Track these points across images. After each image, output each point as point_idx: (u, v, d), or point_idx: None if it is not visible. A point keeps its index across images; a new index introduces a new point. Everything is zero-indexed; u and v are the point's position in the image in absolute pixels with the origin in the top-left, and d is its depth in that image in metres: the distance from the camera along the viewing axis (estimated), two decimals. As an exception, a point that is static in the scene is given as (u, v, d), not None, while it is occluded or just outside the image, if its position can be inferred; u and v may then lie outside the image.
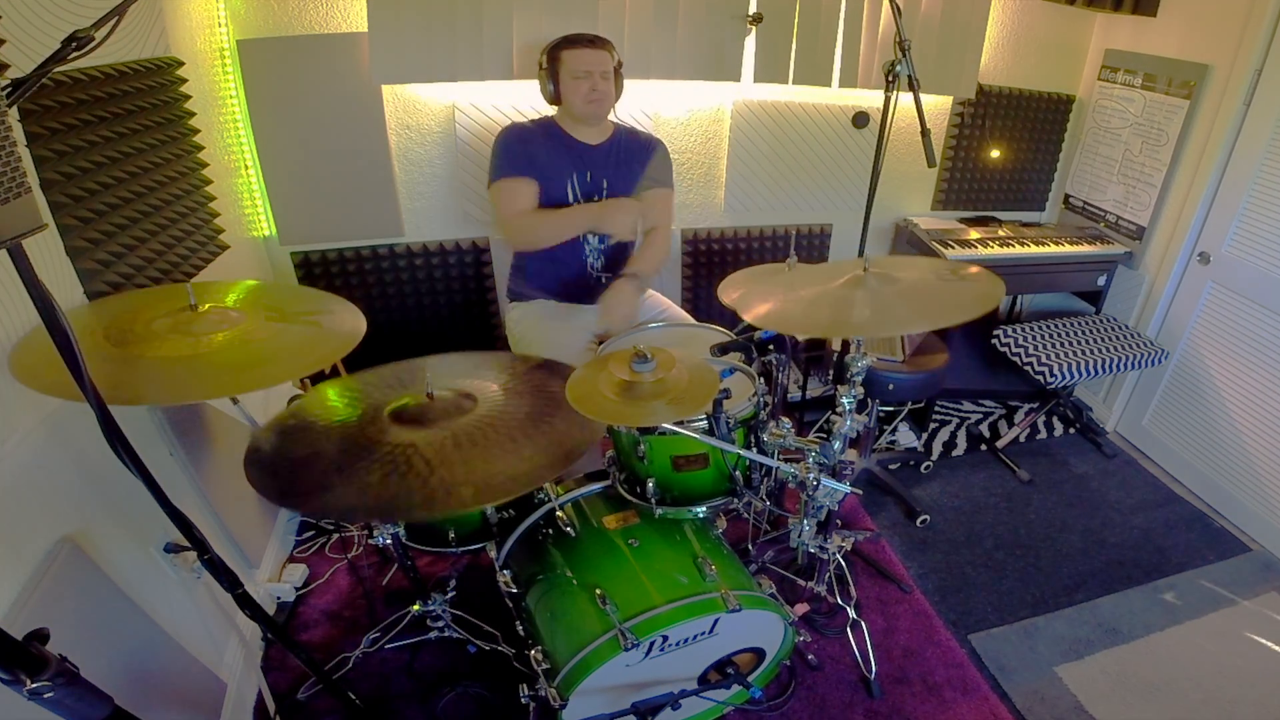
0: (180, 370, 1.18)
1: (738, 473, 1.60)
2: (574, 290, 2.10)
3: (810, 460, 1.48)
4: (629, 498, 1.63)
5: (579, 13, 2.19)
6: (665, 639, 1.40)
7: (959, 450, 2.79)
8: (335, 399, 1.45)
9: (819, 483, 1.45)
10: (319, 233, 2.41)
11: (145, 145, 1.59)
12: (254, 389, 1.19)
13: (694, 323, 2.09)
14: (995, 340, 2.69)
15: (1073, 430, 2.94)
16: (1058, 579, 2.18)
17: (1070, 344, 2.62)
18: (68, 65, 0.90)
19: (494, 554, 1.64)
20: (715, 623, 1.45)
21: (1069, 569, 2.22)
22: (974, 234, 2.85)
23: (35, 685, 0.75)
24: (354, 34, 2.15)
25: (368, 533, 1.56)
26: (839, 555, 1.70)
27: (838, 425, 1.56)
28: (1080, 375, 2.50)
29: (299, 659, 1.46)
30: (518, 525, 1.65)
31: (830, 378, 2.89)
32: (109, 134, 1.45)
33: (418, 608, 1.75)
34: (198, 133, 1.84)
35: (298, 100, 2.19)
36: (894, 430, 2.87)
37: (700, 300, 2.91)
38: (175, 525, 1.09)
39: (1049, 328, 2.73)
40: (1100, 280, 2.85)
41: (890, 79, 1.74)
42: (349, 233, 2.45)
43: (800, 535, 1.62)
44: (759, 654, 1.64)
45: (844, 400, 1.57)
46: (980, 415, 3.02)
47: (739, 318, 1.50)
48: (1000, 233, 2.88)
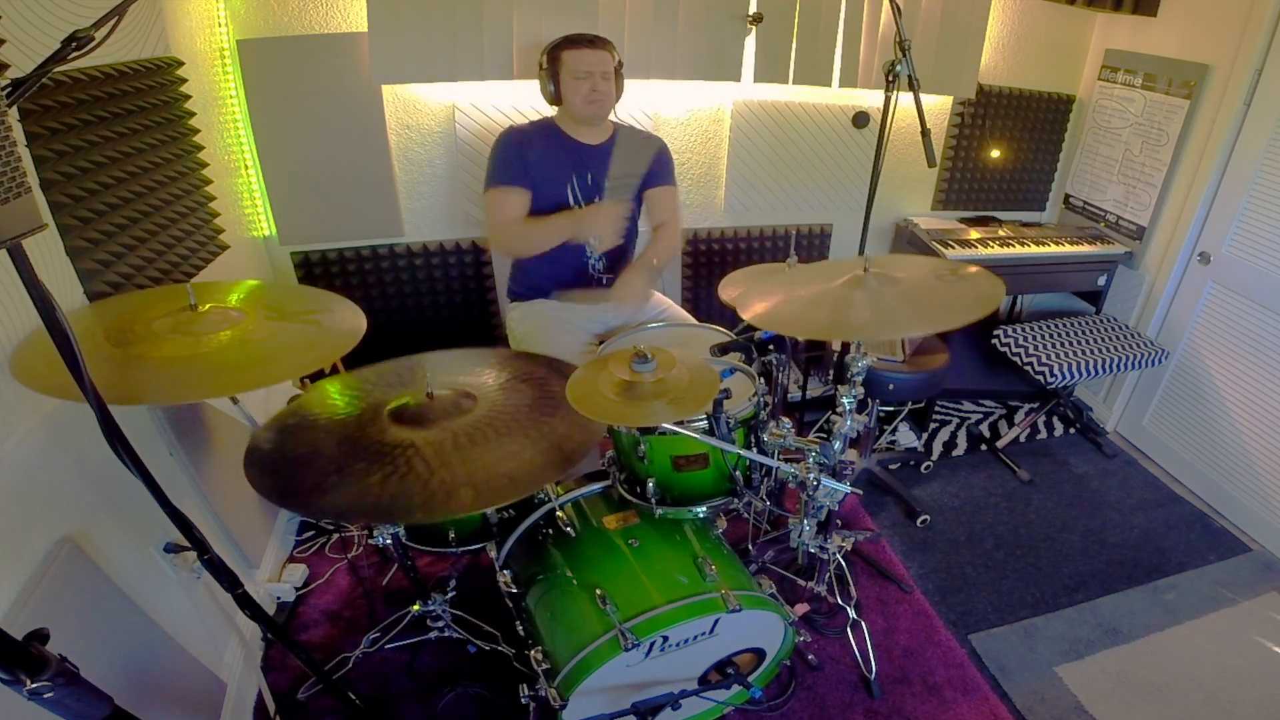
0: (180, 370, 1.18)
1: (738, 473, 1.60)
2: (574, 286, 2.10)
3: (810, 460, 1.48)
4: (629, 498, 1.63)
5: (579, 13, 2.19)
6: (665, 639, 1.40)
7: (959, 450, 2.79)
8: (335, 396, 1.45)
9: (819, 483, 1.45)
10: (319, 233, 2.42)
11: (145, 145, 1.59)
12: (254, 388, 1.19)
13: (694, 323, 2.10)
14: (995, 340, 2.69)
15: (1073, 430, 2.94)
16: (1058, 579, 2.18)
17: (1070, 344, 2.62)
18: (68, 65, 0.90)
19: (494, 554, 1.64)
20: (715, 623, 1.45)
21: (1069, 569, 2.22)
22: (974, 234, 2.85)
23: (35, 685, 0.75)
24: (354, 34, 2.16)
25: (368, 533, 1.56)
26: (839, 555, 1.70)
27: (838, 425, 1.56)
28: (1080, 375, 2.50)
29: (299, 659, 1.46)
30: (518, 525, 1.65)
31: (830, 378, 2.89)
32: (109, 134, 1.45)
33: (418, 608, 1.75)
34: (198, 132, 1.84)
35: (298, 100, 2.19)
36: (894, 430, 2.87)
37: (700, 300, 2.91)
38: (175, 525, 1.09)
39: (1049, 328, 2.73)
40: (1100, 280, 2.85)
41: (890, 79, 1.74)
42: (349, 233, 2.45)
43: (800, 535, 1.62)
44: (759, 654, 1.64)
45: (844, 400, 1.57)
46: (980, 415, 3.02)
47: (739, 318, 1.50)
48: (1000, 233, 2.88)
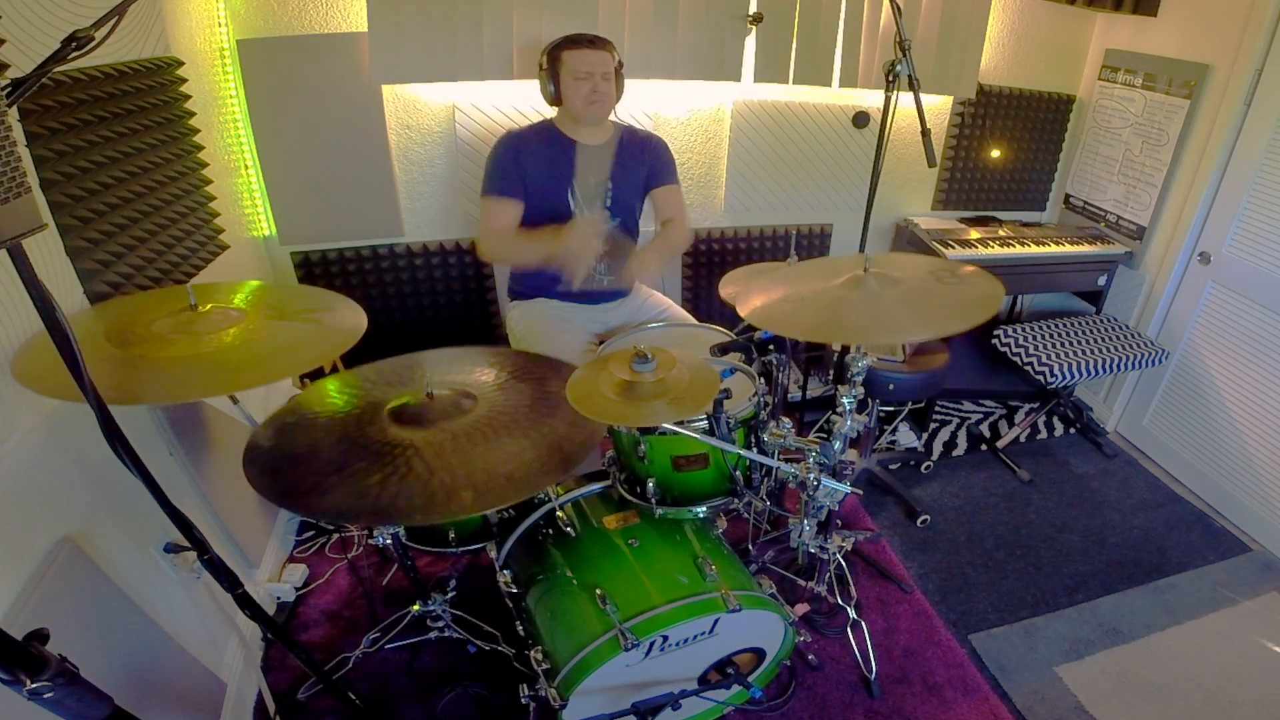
0: (181, 369, 1.18)
1: (738, 473, 1.60)
2: (575, 291, 2.09)
3: (810, 460, 1.48)
4: (629, 498, 1.63)
5: (579, 13, 2.19)
6: (665, 639, 1.40)
7: (959, 450, 2.79)
8: (334, 394, 1.45)
9: (819, 483, 1.45)
10: (319, 233, 2.42)
11: (145, 145, 1.59)
12: (254, 385, 1.19)
13: (694, 323, 2.09)
14: (995, 340, 2.69)
15: (1073, 430, 2.94)
16: (1058, 579, 2.18)
17: (1070, 344, 2.62)
18: (68, 65, 0.90)
19: (494, 554, 1.64)
20: (715, 623, 1.45)
21: (1069, 569, 2.22)
22: (974, 234, 2.85)
23: (35, 685, 0.75)
24: (354, 34, 2.16)
25: (368, 533, 1.56)
26: (839, 555, 1.70)
27: (838, 425, 1.56)
28: (1080, 375, 2.50)
29: (299, 659, 1.46)
30: (518, 525, 1.65)
31: (830, 378, 2.89)
32: (109, 134, 1.45)
33: (418, 608, 1.75)
34: (198, 132, 1.84)
35: (298, 100, 2.19)
36: (894, 430, 2.87)
37: (700, 300, 2.91)
38: (175, 525, 1.09)
39: (1049, 328, 2.73)
40: (1100, 280, 2.85)
41: (890, 79, 1.74)
42: (349, 233, 2.45)
43: (800, 535, 1.62)
44: (759, 654, 1.64)
45: (844, 400, 1.57)
46: (981, 415, 3.02)
47: (739, 317, 1.50)
48: (1000, 233, 2.88)
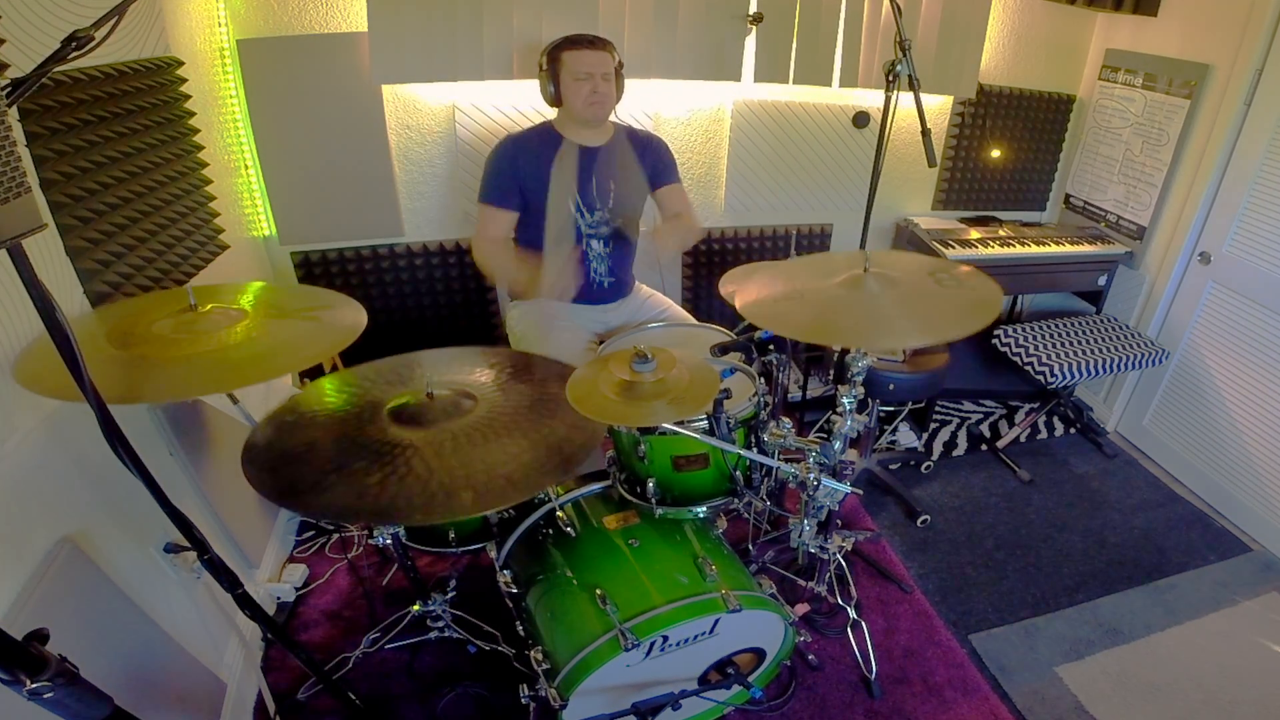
0: (181, 367, 1.18)
1: (738, 473, 1.60)
2: (577, 292, 2.09)
3: (810, 460, 1.48)
4: (629, 498, 1.62)
5: (579, 13, 2.19)
6: (665, 639, 1.40)
7: (959, 450, 2.79)
8: (333, 394, 1.45)
9: (819, 483, 1.45)
10: (319, 233, 2.41)
11: (145, 145, 1.59)
12: (255, 381, 1.19)
13: (694, 323, 2.09)
14: (996, 340, 2.69)
15: (1073, 430, 2.94)
16: (1058, 579, 2.18)
17: (1071, 344, 2.62)
18: (68, 65, 0.90)
19: (494, 554, 1.64)
20: (716, 623, 1.45)
21: (1069, 569, 2.22)
22: (974, 234, 2.85)
23: (35, 685, 0.75)
24: (354, 34, 2.15)
25: (368, 533, 1.56)
26: (839, 555, 1.70)
27: (838, 425, 1.56)
28: (1081, 375, 2.50)
29: (299, 659, 1.46)
30: (518, 525, 1.65)
31: (830, 378, 2.89)
32: (109, 134, 1.45)
33: (418, 608, 1.75)
34: (198, 132, 1.84)
35: (298, 100, 2.19)
36: (894, 430, 2.86)
37: (700, 300, 2.91)
38: (175, 525, 1.09)
39: (1049, 328, 2.73)
40: (1101, 280, 2.85)
41: (890, 79, 1.74)
42: (349, 233, 2.45)
43: (801, 535, 1.62)
44: (759, 654, 1.64)
45: (844, 400, 1.57)
46: (981, 415, 3.02)
47: (739, 317, 1.50)
48: (1001, 232, 2.88)
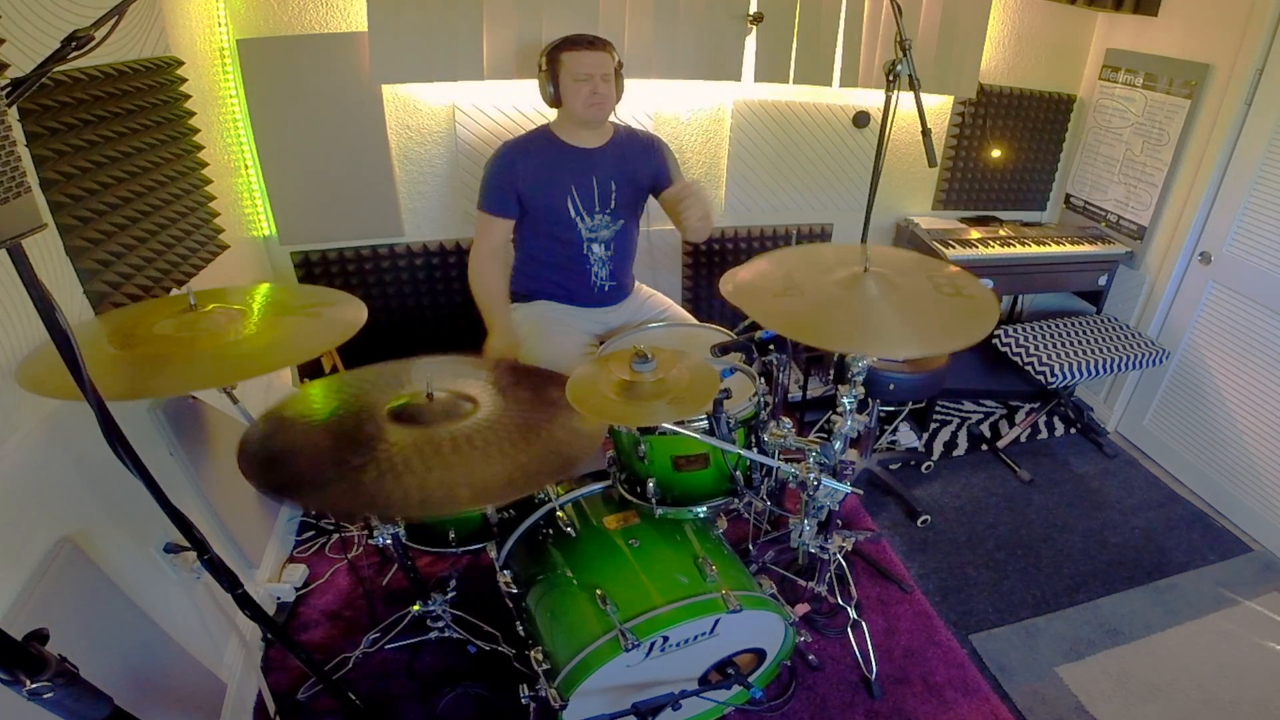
0: (182, 363, 1.19)
1: (738, 473, 1.60)
2: (577, 295, 2.10)
3: (811, 460, 1.48)
4: (629, 498, 1.62)
5: (579, 13, 2.19)
6: (666, 639, 1.40)
7: (960, 450, 2.79)
8: (327, 399, 1.43)
9: (820, 483, 1.45)
10: (319, 233, 2.41)
11: (145, 145, 1.59)
12: (256, 374, 1.20)
13: (695, 323, 2.09)
14: (996, 340, 2.69)
15: (1074, 430, 2.94)
16: (1059, 579, 2.18)
17: (1071, 344, 2.62)
18: (67, 65, 0.90)
19: (494, 554, 1.64)
20: (716, 623, 1.44)
21: (1070, 569, 2.22)
22: (975, 234, 2.85)
23: (35, 685, 0.75)
24: (354, 34, 2.15)
25: (368, 533, 1.56)
26: (839, 555, 1.70)
27: (838, 425, 1.56)
28: (1081, 375, 2.50)
29: (299, 659, 1.46)
30: (518, 525, 1.65)
31: (831, 378, 2.89)
32: (109, 134, 1.45)
33: (418, 608, 1.75)
34: (198, 132, 1.84)
35: (298, 100, 2.19)
36: (895, 430, 2.86)
37: (700, 300, 2.91)
38: (175, 525, 1.09)
39: (1050, 328, 2.73)
40: (1101, 280, 2.84)
41: (891, 78, 1.73)
42: (349, 233, 2.45)
43: (801, 535, 1.62)
44: (760, 654, 1.64)
45: (845, 400, 1.56)
46: (981, 415, 3.02)
47: (740, 317, 1.50)
48: (1001, 232, 2.88)
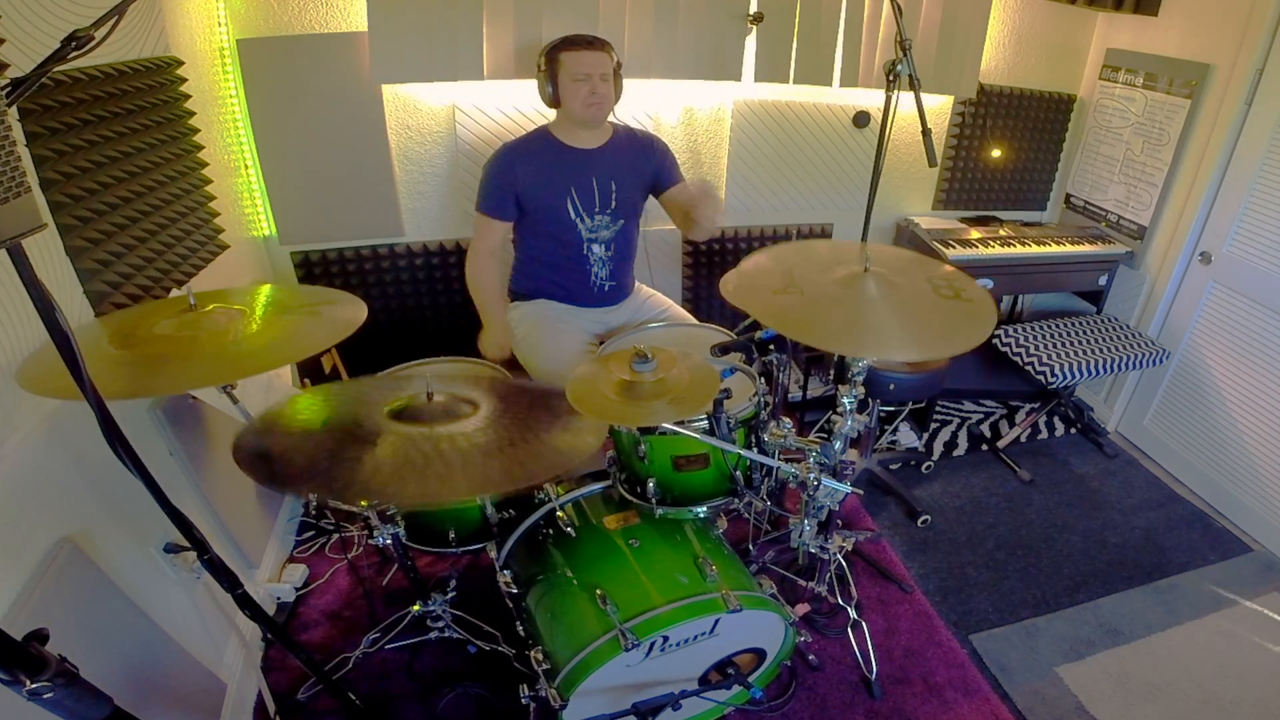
0: (181, 361, 1.19)
1: (738, 473, 1.60)
2: (577, 295, 2.10)
3: (811, 460, 1.48)
4: (629, 498, 1.62)
5: (579, 13, 2.19)
6: (666, 639, 1.40)
7: (960, 450, 2.79)
8: (323, 405, 1.43)
9: (820, 483, 1.45)
10: (319, 232, 2.41)
11: (145, 145, 1.59)
12: (255, 373, 1.20)
13: (695, 323, 2.09)
14: (996, 340, 2.69)
15: (1074, 430, 2.94)
16: (1059, 579, 2.18)
17: (1071, 344, 2.62)
18: (67, 65, 0.90)
19: (494, 554, 1.64)
20: (716, 623, 1.44)
21: (1070, 569, 2.22)
22: (975, 234, 2.85)
23: (35, 685, 0.75)
24: (354, 34, 2.15)
25: (368, 533, 1.56)
26: (840, 555, 1.70)
27: (838, 425, 1.56)
28: (1081, 375, 2.50)
29: (299, 659, 1.46)
30: (518, 525, 1.65)
31: (831, 378, 2.89)
32: (109, 134, 1.45)
33: (418, 608, 1.75)
34: (198, 132, 1.84)
35: (298, 100, 2.19)
36: (895, 430, 2.86)
37: (700, 300, 2.91)
38: (175, 525, 1.09)
39: (1050, 328, 2.73)
40: (1101, 280, 2.84)
41: (891, 78, 1.74)
42: (349, 233, 2.45)
43: (801, 535, 1.62)
44: (760, 654, 1.64)
45: (845, 400, 1.56)
46: (981, 415, 3.02)
47: (740, 317, 1.50)
48: (1001, 232, 2.87)
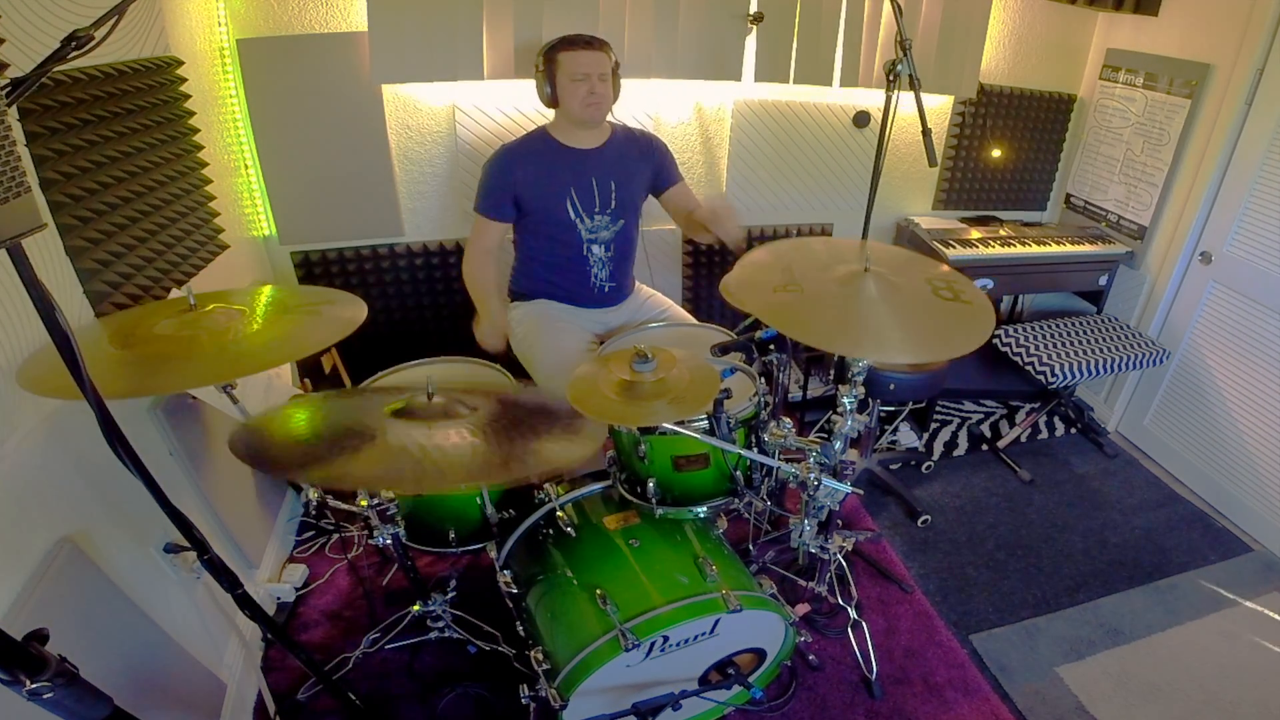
0: (181, 360, 1.19)
1: (738, 473, 1.60)
2: (577, 295, 2.10)
3: (811, 460, 1.48)
4: (630, 498, 1.62)
5: (579, 13, 2.19)
6: (666, 639, 1.40)
7: (960, 450, 2.79)
8: (320, 411, 1.42)
9: (820, 483, 1.45)
10: (319, 232, 2.41)
11: (145, 145, 1.59)
12: (255, 371, 1.21)
13: (695, 323, 2.09)
14: (996, 340, 2.69)
15: (1074, 430, 2.93)
16: (1059, 579, 2.18)
17: (1071, 344, 2.61)
18: (67, 65, 0.90)
19: (494, 554, 1.64)
20: (716, 623, 1.44)
21: (1070, 569, 2.22)
22: (975, 234, 2.85)
23: (35, 686, 0.75)
24: (354, 34, 2.15)
25: (368, 533, 1.56)
26: (840, 555, 1.69)
27: (839, 425, 1.56)
28: (1081, 375, 2.50)
29: (299, 659, 1.45)
30: (518, 525, 1.65)
31: (831, 377, 2.89)
32: (109, 133, 1.45)
33: (418, 608, 1.75)
34: (198, 132, 1.84)
35: (298, 100, 2.19)
36: (895, 430, 2.86)
37: (701, 300, 2.91)
38: (175, 525, 1.09)
39: (1050, 327, 2.73)
40: (1101, 280, 2.84)
41: (891, 78, 1.73)
42: (349, 232, 2.45)
43: (801, 535, 1.62)
44: (760, 654, 1.64)
45: (845, 400, 1.56)
46: (981, 415, 3.02)
47: (740, 317, 1.50)
48: (1001, 232, 2.87)
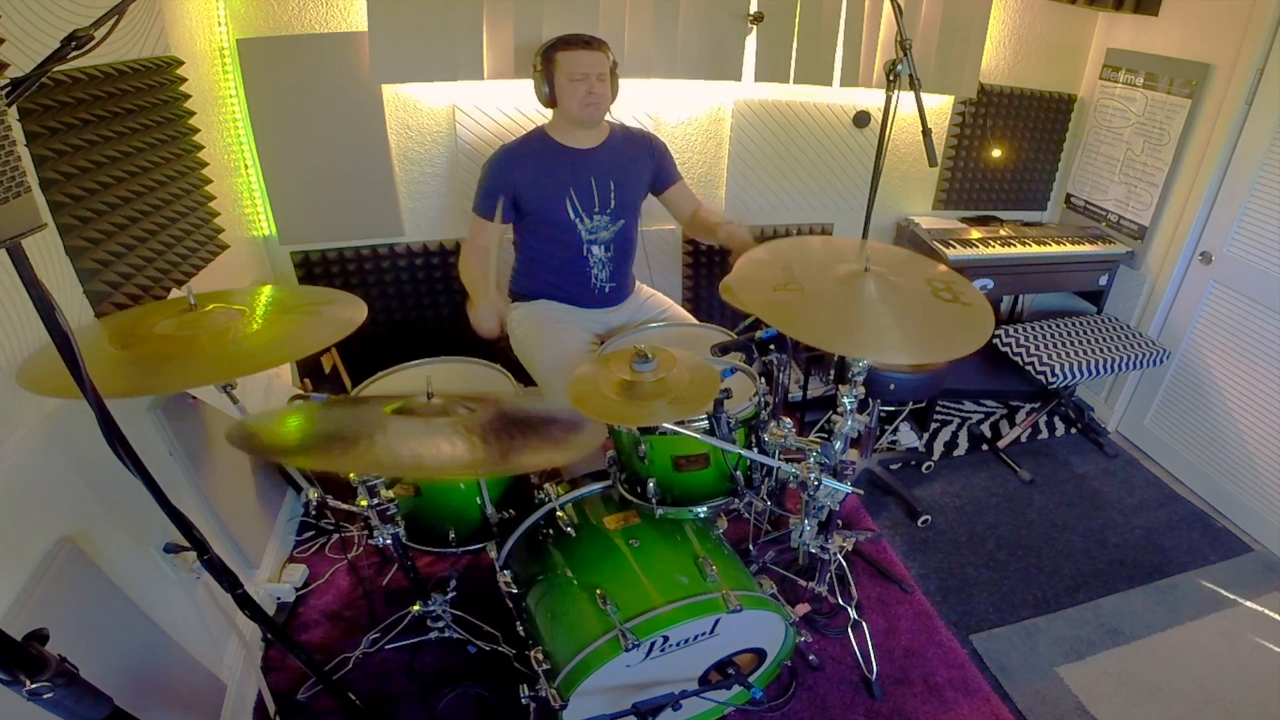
0: (180, 359, 1.19)
1: (739, 473, 1.60)
2: (577, 296, 2.10)
3: (811, 460, 1.48)
4: (630, 498, 1.62)
5: (579, 13, 2.18)
6: (666, 639, 1.40)
7: (960, 450, 2.79)
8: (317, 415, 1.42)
9: (820, 483, 1.45)
10: (319, 232, 2.41)
11: (145, 145, 1.59)
12: (255, 371, 1.21)
13: (695, 323, 2.09)
14: (996, 340, 2.69)
15: (1074, 430, 2.93)
16: (1059, 579, 2.18)
17: (1072, 344, 2.61)
18: (67, 64, 0.90)
19: (494, 554, 1.64)
20: (716, 623, 1.44)
21: (1070, 569, 2.22)
22: (975, 233, 2.85)
23: (35, 686, 0.75)
24: (354, 34, 2.15)
25: (368, 533, 1.56)
26: (840, 555, 1.69)
27: (839, 425, 1.55)
28: (1082, 375, 2.50)
29: (299, 659, 1.46)
30: (518, 525, 1.65)
31: (831, 377, 2.89)
32: (109, 133, 1.45)
33: (418, 608, 1.75)
34: (198, 132, 1.84)
35: (298, 100, 2.19)
36: (895, 430, 2.86)
37: (701, 300, 2.91)
38: (175, 525, 1.09)
39: (1050, 327, 2.73)
40: (1102, 280, 2.84)
41: (891, 78, 1.73)
42: (349, 232, 2.45)
43: (801, 535, 1.62)
44: (760, 654, 1.64)
45: (845, 400, 1.56)
46: (981, 415, 3.02)
47: (740, 317, 1.50)
48: (1002, 232, 2.87)
